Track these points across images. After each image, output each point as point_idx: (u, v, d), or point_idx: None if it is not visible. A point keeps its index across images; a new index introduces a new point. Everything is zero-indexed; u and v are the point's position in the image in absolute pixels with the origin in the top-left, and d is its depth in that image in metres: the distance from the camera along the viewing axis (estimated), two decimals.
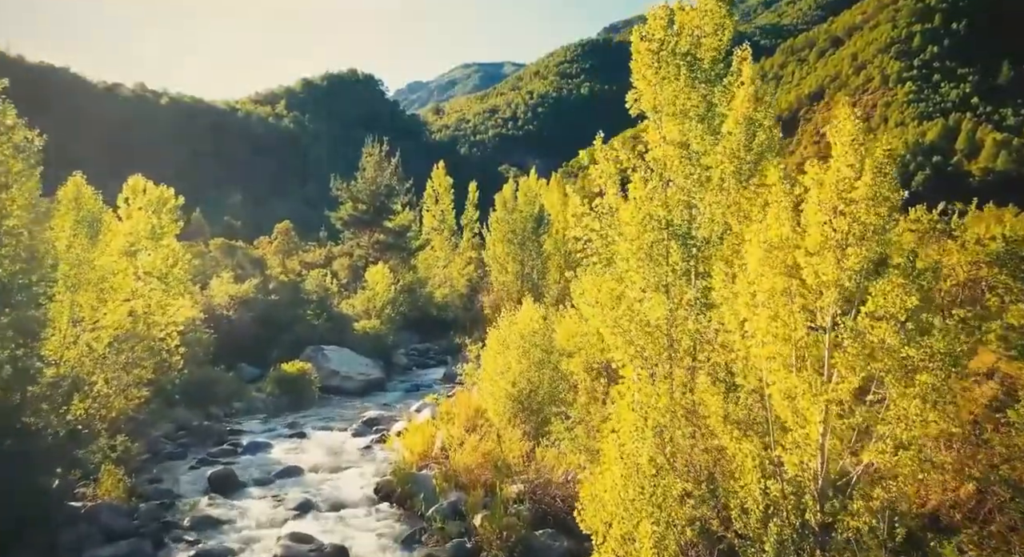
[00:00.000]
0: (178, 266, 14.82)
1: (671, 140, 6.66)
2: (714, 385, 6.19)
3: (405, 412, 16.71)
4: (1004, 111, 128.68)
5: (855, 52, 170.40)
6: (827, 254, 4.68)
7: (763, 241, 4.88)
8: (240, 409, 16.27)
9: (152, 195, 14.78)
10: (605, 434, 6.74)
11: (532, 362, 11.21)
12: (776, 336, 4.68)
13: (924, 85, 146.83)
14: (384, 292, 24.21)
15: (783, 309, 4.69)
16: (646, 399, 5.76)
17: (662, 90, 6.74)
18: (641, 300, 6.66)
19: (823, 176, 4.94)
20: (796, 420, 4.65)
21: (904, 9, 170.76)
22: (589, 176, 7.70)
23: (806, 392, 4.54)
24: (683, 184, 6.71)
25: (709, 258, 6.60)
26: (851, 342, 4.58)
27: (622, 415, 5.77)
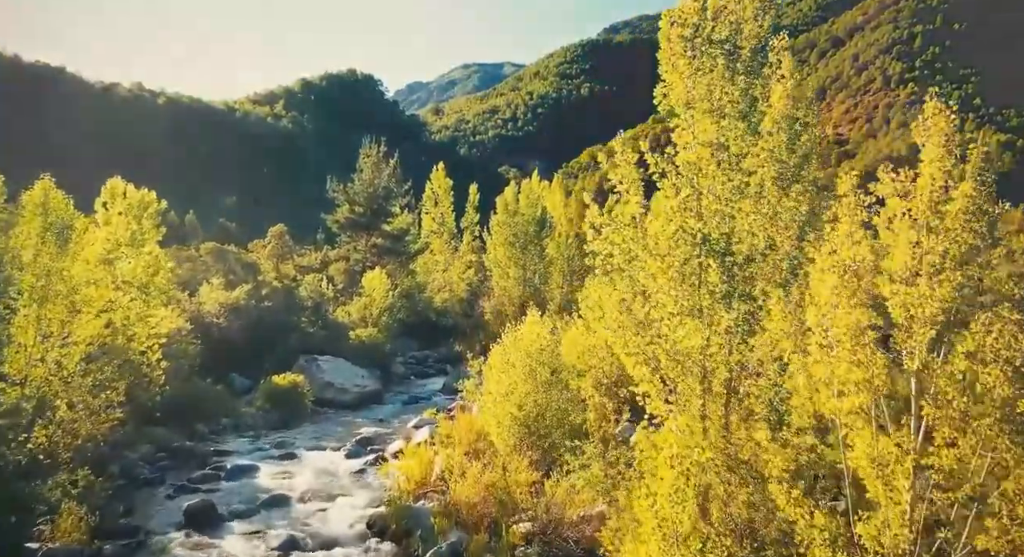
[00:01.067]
0: (160, 274, 13.91)
1: (706, 141, 5.74)
2: (755, 423, 5.30)
3: (402, 429, 15.81)
4: (1007, 112, 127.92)
5: (856, 53, 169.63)
6: (920, 281, 3.76)
7: (836, 265, 3.96)
8: (228, 425, 15.34)
9: (133, 199, 13.88)
10: (633, 487, 5.84)
11: (539, 382, 10.31)
12: (859, 385, 3.77)
13: (926, 86, 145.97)
14: (381, 298, 23.30)
15: (863, 351, 3.78)
16: (686, 452, 4.84)
17: (696, 83, 5.83)
18: (671, 325, 5.74)
19: (907, 185, 4.02)
20: (887, 493, 3.74)
21: (905, 10, 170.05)
22: (608, 180, 6.79)
23: (899, 458, 3.63)
24: (720, 192, 5.79)
25: (750, 278, 5.69)
26: (952, 390, 3.66)
27: (659, 472, 4.85)
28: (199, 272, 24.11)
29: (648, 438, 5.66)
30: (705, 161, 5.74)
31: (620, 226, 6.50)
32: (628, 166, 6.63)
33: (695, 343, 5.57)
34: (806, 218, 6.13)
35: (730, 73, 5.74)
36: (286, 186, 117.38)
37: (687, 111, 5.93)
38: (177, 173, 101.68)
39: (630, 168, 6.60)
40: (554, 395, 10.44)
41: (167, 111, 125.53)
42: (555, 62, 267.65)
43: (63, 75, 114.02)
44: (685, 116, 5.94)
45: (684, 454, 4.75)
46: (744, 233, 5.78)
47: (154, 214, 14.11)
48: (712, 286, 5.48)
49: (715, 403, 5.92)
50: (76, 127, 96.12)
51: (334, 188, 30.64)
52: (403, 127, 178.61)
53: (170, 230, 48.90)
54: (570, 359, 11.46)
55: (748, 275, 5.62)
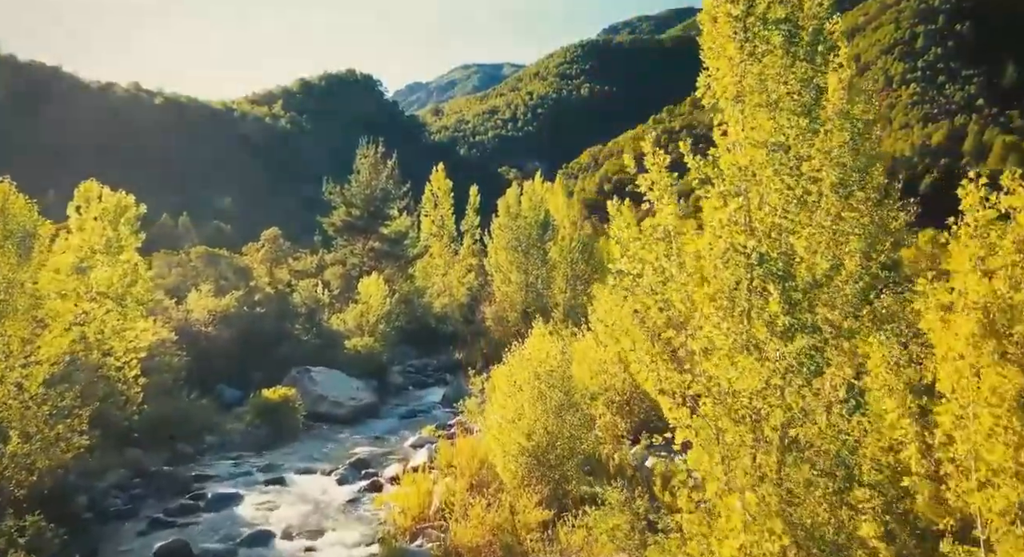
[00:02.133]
0: (139, 285, 12.93)
1: (761, 141, 4.76)
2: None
3: (399, 447, 14.85)
4: (1011, 113, 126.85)
5: (858, 53, 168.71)
6: None
7: (971, 304, 2.99)
8: (213, 444, 14.36)
9: (108, 203, 12.89)
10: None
11: (550, 407, 9.33)
12: (1017, 476, 2.80)
13: (928, 87, 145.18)
14: (378, 306, 22.31)
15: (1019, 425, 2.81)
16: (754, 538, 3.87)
17: (747, 71, 4.85)
18: (719, 363, 4.77)
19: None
20: None
21: (907, 10, 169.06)
22: (621, 182, 5.82)
23: None
24: (776, 202, 4.81)
25: (812, 306, 4.71)
26: None
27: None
28: (188, 278, 23.12)
29: (699, 519, 4.67)
30: (759, 165, 4.76)
31: (651, 241, 5.53)
32: (660, 170, 5.66)
33: (750, 385, 4.59)
34: (873, 233, 5.15)
35: (790, 58, 4.76)
36: (285, 187, 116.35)
37: (736, 104, 4.95)
38: (174, 174, 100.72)
39: (662, 173, 5.64)
40: (567, 419, 9.47)
41: (164, 111, 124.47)
42: (555, 63, 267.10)
43: (59, 74, 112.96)
44: (733, 111, 4.96)
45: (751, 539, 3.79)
46: (804, 251, 4.80)
47: (132, 219, 13.14)
48: (770, 316, 4.50)
49: (765, 454, 4.95)
50: (72, 127, 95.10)
51: (330, 190, 29.65)
52: (403, 128, 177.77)
53: (163, 233, 48.01)
54: (583, 380, 10.49)
55: (810, 303, 4.64)
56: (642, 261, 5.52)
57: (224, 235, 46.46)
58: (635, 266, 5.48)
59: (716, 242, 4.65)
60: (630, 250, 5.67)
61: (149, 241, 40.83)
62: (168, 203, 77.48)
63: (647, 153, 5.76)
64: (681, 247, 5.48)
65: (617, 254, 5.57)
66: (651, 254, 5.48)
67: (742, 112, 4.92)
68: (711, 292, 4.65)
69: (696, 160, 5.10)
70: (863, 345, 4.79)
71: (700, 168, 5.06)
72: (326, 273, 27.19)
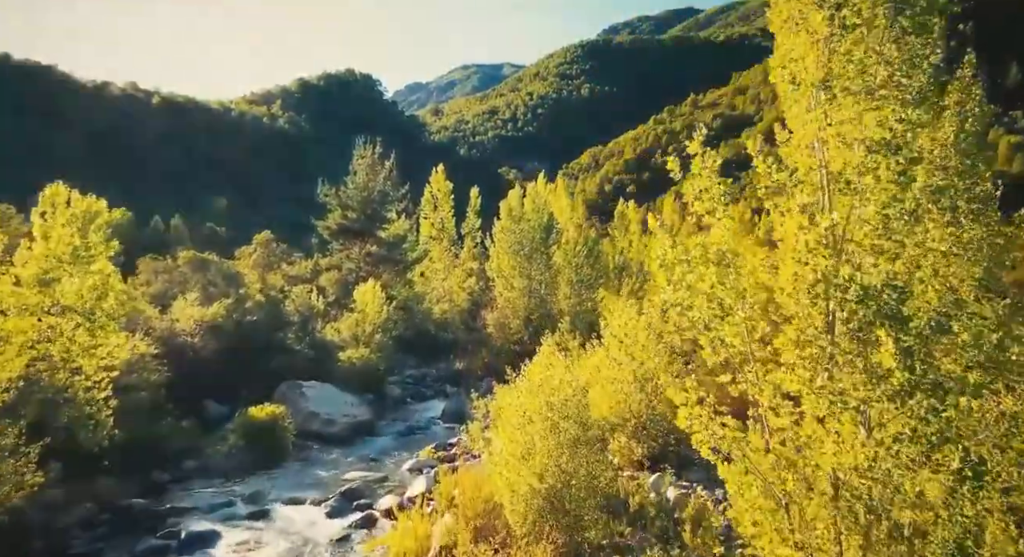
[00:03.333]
0: (110, 297, 11.81)
1: (858, 138, 3.66)
2: None
3: (396, 472, 13.75)
4: (1015, 113, 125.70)
5: None
6: None
7: None
8: (194, 470, 13.25)
9: (78, 208, 11.78)
10: None
11: (564, 441, 8.22)
12: None
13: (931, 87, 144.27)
14: (374, 314, 21.19)
15: None
16: None
17: (840, 48, 3.75)
18: (810, 433, 3.66)
19: None
20: None
21: None
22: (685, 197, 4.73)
23: None
24: (874, 219, 3.71)
25: (931, 354, 3.61)
26: None
27: None
28: (175, 284, 22.00)
29: None
30: (856, 170, 3.65)
31: (702, 264, 4.43)
32: (711, 176, 4.57)
33: (848, 461, 3.48)
34: (993, 253, 4.05)
35: (896, 32, 3.66)
36: (283, 188, 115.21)
37: (822, 92, 3.85)
38: (171, 175, 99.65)
39: (713, 178, 4.54)
40: (583, 454, 8.36)
41: (162, 111, 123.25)
42: (555, 63, 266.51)
43: (53, 74, 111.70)
44: (820, 101, 3.85)
45: None
46: (916, 282, 3.70)
47: (103, 225, 12.02)
48: (881, 370, 3.39)
49: (851, 541, 3.84)
50: (67, 128, 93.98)
51: (325, 192, 28.52)
52: (402, 128, 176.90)
53: (155, 236, 46.83)
54: (599, 408, 9.40)
55: (928, 351, 3.54)
56: (691, 289, 4.41)
57: (218, 238, 45.30)
58: (683, 295, 4.37)
59: (803, 271, 3.54)
60: (675, 274, 4.56)
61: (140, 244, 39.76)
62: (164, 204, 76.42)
63: (695, 153, 4.66)
64: (739, 272, 4.38)
65: (661, 281, 4.46)
66: (703, 281, 4.37)
67: (830, 102, 3.81)
68: (795, 337, 3.54)
69: (765, 162, 3.99)
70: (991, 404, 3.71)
71: (772, 174, 3.94)
72: (321, 278, 26.08)
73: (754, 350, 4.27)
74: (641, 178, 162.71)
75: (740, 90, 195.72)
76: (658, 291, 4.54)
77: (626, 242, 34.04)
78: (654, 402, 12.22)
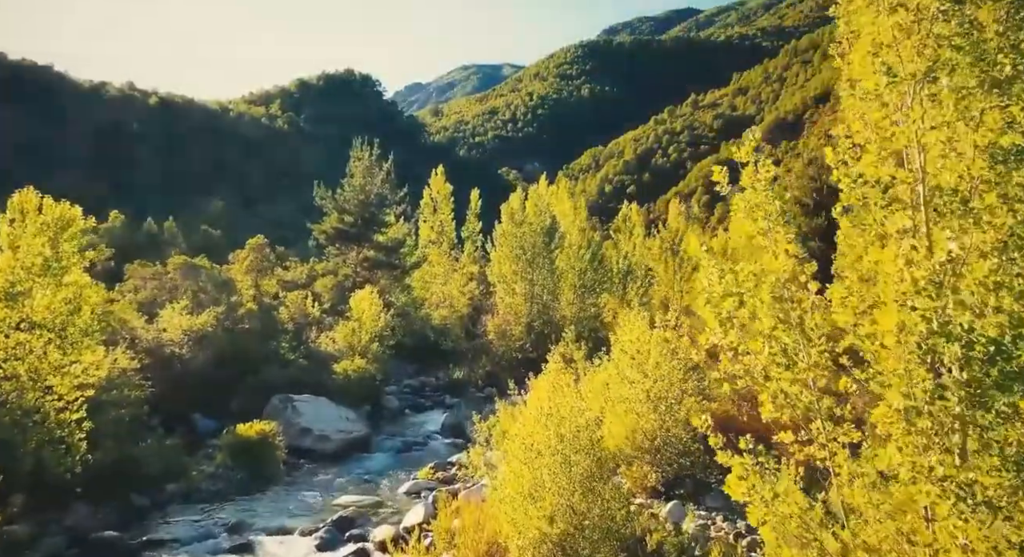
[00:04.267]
0: (85, 312, 11.00)
1: (980, 145, 2.85)
2: None
3: (392, 495, 12.94)
4: None
5: None
6: None
7: None
8: (176, 494, 12.41)
9: (49, 215, 10.96)
10: None
11: (576, 479, 7.41)
12: None
13: None
14: (371, 322, 20.37)
15: None
16: None
17: (942, 30, 2.94)
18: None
19: None
20: None
21: None
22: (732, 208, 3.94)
23: None
24: (989, 241, 2.89)
25: None
26: None
27: None
28: (165, 291, 21.19)
29: None
30: (974, 186, 2.83)
31: (758, 299, 3.61)
32: (766, 189, 3.76)
33: None
34: None
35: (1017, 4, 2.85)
36: (282, 189, 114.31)
37: (918, 84, 3.03)
38: (168, 176, 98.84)
39: (770, 195, 3.73)
40: (598, 491, 7.55)
41: (159, 111, 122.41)
42: (555, 63, 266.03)
43: (50, 73, 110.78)
44: (919, 93, 3.03)
45: None
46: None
47: (77, 234, 11.20)
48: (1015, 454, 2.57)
49: None
50: (63, 128, 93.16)
51: (321, 195, 27.68)
52: (402, 128, 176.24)
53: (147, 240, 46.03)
54: (615, 440, 8.60)
55: None
56: (745, 329, 3.59)
57: (213, 241, 44.47)
58: (735, 338, 3.55)
59: (910, 320, 2.72)
60: (723, 308, 3.74)
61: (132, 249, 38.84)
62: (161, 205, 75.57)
63: (745, 161, 3.85)
64: (803, 308, 3.56)
65: (709, 320, 3.64)
66: (763, 320, 3.55)
67: (932, 98, 2.98)
68: (902, 404, 2.72)
69: (847, 171, 3.17)
70: None
71: (855, 184, 3.13)
72: (316, 284, 25.27)
73: (823, 405, 3.46)
74: (641, 178, 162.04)
75: (741, 90, 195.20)
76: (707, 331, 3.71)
77: (630, 245, 33.22)
78: (668, 423, 11.42)
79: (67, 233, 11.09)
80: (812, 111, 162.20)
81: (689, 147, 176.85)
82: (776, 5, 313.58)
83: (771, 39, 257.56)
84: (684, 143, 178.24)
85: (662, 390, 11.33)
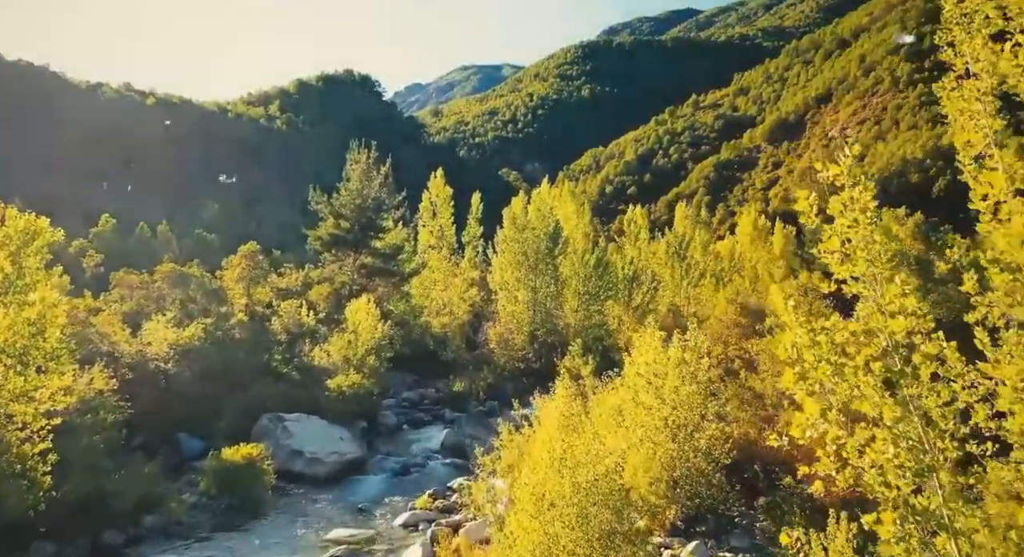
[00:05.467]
0: (51, 334, 10.05)
1: None
2: None
3: (388, 527, 12.01)
4: (1022, 113, 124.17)
5: (863, 53, 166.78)
6: None
7: None
8: (153, 528, 11.48)
9: (12, 228, 10.02)
10: None
11: (595, 536, 6.47)
12: None
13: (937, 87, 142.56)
14: (368, 333, 19.42)
15: None
16: None
17: None
18: None
19: None
20: None
21: (913, 10, 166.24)
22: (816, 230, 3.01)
23: None
24: None
25: None
26: None
27: None
28: (152, 301, 20.25)
29: None
30: None
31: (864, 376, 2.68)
32: (869, 223, 2.83)
33: None
34: None
35: None
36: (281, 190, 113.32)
37: None
38: (165, 177, 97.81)
39: (870, 228, 2.80)
40: (617, 547, 6.61)
41: (157, 112, 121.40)
42: (555, 63, 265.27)
43: (46, 74, 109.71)
44: None
45: None
46: None
47: (42, 248, 10.26)
48: None
49: None
50: (59, 128, 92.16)
51: (317, 199, 26.72)
52: (402, 129, 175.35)
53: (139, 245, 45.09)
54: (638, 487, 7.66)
55: None
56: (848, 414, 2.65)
57: (208, 246, 43.44)
58: (835, 429, 2.61)
59: None
60: (816, 377, 2.80)
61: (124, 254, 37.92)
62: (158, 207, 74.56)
63: (840, 184, 2.94)
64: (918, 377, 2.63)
65: (809, 406, 2.70)
66: (865, 396, 2.61)
67: None
68: None
69: None
70: None
71: None
72: (311, 293, 24.32)
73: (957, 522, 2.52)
74: (642, 179, 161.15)
75: (742, 91, 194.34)
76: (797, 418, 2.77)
77: (636, 250, 32.26)
78: (688, 453, 10.49)
79: (32, 247, 10.15)
80: (813, 111, 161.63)
81: (690, 148, 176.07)
82: (776, 5, 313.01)
83: (772, 39, 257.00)
84: (685, 144, 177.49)
85: (681, 417, 10.41)
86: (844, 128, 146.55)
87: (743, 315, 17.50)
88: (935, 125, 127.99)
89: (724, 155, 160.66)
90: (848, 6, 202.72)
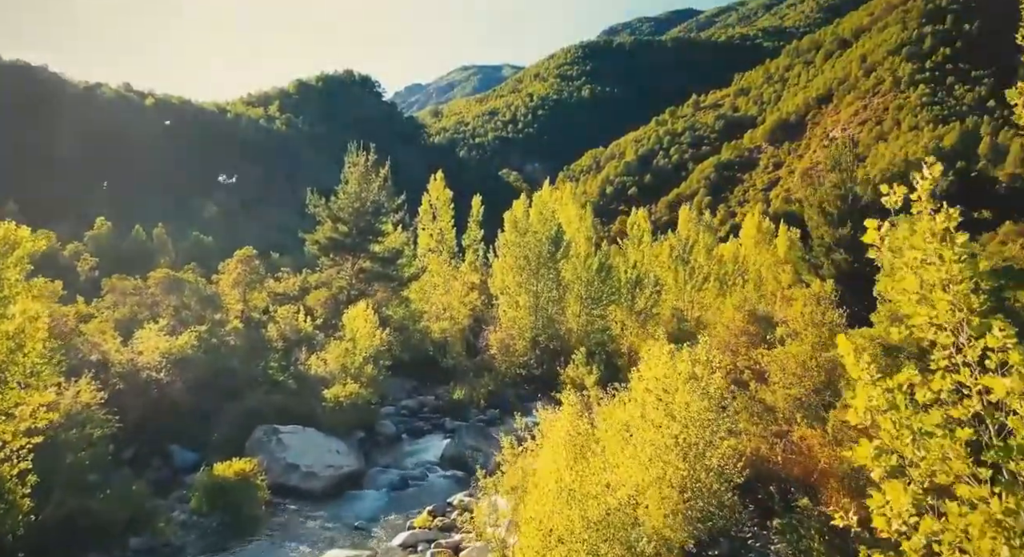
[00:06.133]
0: (31, 349, 9.56)
1: None
2: None
3: (385, 548, 11.52)
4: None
5: (864, 54, 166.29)
6: None
7: None
8: (140, 549, 10.99)
9: None
10: None
11: None
12: None
13: (938, 88, 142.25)
14: (366, 340, 18.95)
15: None
16: None
17: None
18: None
19: None
20: None
21: (914, 10, 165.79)
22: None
23: None
24: None
25: None
26: None
27: None
28: (145, 308, 19.78)
29: None
30: None
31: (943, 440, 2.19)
32: (954, 260, 2.35)
33: None
34: None
35: None
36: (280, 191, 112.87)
37: None
38: (164, 178, 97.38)
39: (960, 268, 2.32)
40: None
41: (156, 113, 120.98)
42: (555, 64, 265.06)
43: (44, 74, 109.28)
44: None
45: None
46: None
47: (23, 258, 9.77)
48: None
49: None
50: (57, 129, 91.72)
51: (314, 202, 26.27)
52: (401, 130, 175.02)
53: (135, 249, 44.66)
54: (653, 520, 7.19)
55: None
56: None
57: (205, 249, 42.96)
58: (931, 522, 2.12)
59: None
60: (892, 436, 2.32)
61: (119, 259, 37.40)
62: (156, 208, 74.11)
63: (919, 209, 2.45)
64: None
65: (891, 494, 2.21)
66: (993, 503, 2.13)
67: None
68: None
69: None
70: None
71: None
72: (309, 298, 23.85)
73: None
74: (643, 180, 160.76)
75: (742, 91, 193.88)
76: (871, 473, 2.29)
77: (639, 254, 31.79)
78: (699, 472, 10.01)
79: (11, 258, 9.65)
80: (814, 111, 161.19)
81: (691, 148, 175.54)
82: (777, 5, 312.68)
83: (772, 39, 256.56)
84: (686, 144, 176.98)
85: (692, 435, 9.93)
86: (845, 128, 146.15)
87: (751, 322, 17.05)
88: (936, 126, 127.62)
89: (725, 156, 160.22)
90: (848, 6, 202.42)
